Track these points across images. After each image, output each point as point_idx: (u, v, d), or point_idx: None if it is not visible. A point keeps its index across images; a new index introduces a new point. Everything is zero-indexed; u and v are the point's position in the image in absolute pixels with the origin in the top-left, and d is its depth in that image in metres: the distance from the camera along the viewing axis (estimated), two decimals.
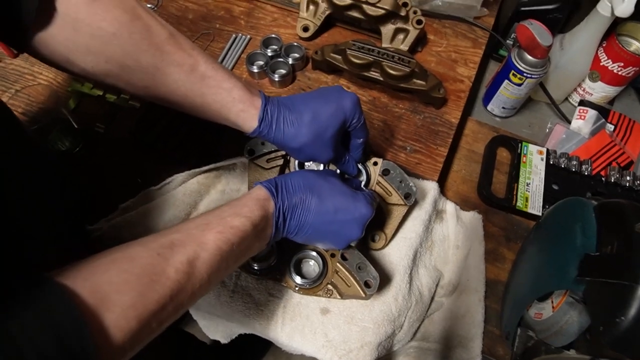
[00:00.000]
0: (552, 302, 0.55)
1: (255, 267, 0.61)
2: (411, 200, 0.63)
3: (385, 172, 0.64)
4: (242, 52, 0.86)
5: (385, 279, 0.64)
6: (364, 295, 0.56)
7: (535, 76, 0.76)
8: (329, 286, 0.60)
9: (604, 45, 0.81)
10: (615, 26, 0.80)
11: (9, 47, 0.43)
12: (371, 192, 0.58)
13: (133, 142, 0.75)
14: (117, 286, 0.34)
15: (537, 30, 0.72)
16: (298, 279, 0.60)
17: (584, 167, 0.77)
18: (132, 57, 0.45)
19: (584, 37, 0.79)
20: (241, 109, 0.52)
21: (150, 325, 0.36)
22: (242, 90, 0.52)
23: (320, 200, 0.51)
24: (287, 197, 0.50)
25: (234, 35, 0.88)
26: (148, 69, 0.47)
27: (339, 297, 0.59)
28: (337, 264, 0.59)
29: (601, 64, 0.82)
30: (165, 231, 0.42)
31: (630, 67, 0.79)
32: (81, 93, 0.80)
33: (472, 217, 0.73)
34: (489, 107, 0.89)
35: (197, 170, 0.69)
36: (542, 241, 0.62)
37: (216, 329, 0.69)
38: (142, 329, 0.35)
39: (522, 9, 0.85)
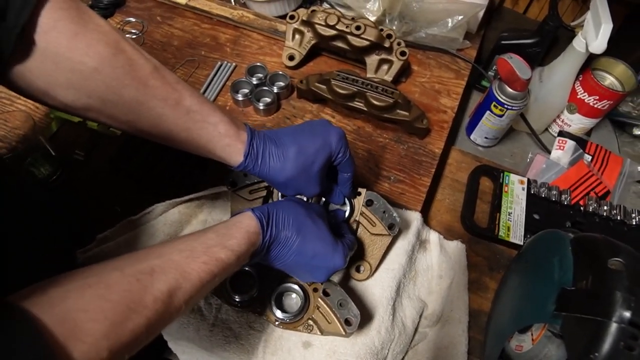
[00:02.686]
0: (532, 334, 0.55)
1: (237, 299, 0.59)
2: (395, 231, 0.63)
3: (369, 203, 0.64)
4: (227, 79, 0.87)
5: (367, 312, 0.63)
6: (344, 333, 0.56)
7: (516, 108, 0.78)
8: (310, 321, 0.59)
9: (580, 79, 0.84)
10: (591, 61, 0.82)
11: None
12: (352, 240, 0.58)
13: (113, 171, 0.74)
14: (90, 314, 0.33)
15: (516, 64, 0.74)
16: (279, 313, 0.59)
17: (563, 196, 0.78)
18: (114, 91, 0.45)
19: (562, 71, 0.82)
20: (227, 144, 0.51)
21: (121, 354, 0.34)
22: (228, 125, 0.51)
23: (304, 242, 0.51)
24: (275, 232, 0.50)
25: (219, 63, 0.88)
26: (131, 104, 0.46)
27: (319, 333, 0.58)
28: (319, 299, 0.58)
29: (578, 96, 0.84)
30: (143, 254, 0.40)
31: (605, 101, 0.81)
32: (62, 119, 0.79)
33: (455, 247, 0.74)
34: (472, 137, 0.90)
35: (178, 199, 0.68)
36: (522, 272, 0.63)
37: None
38: (113, 359, 0.33)
39: (503, 42, 0.88)
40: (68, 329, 0.31)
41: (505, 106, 0.78)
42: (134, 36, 0.93)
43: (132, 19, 0.95)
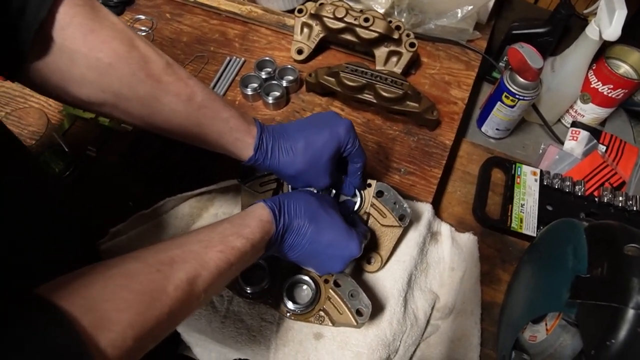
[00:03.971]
0: (546, 324, 0.55)
1: (248, 291, 0.60)
2: (406, 222, 0.62)
3: (379, 194, 0.63)
4: (236, 74, 0.87)
5: (379, 303, 0.63)
6: (355, 324, 0.56)
7: (527, 98, 0.77)
8: (321, 313, 0.59)
9: (593, 67, 0.82)
10: (604, 49, 0.81)
11: (2, 76, 0.43)
12: (365, 230, 0.58)
13: (125, 166, 0.74)
14: (116, 303, 0.33)
15: (527, 53, 0.73)
16: (290, 305, 0.59)
17: (577, 187, 0.77)
18: (128, 87, 0.45)
19: (574, 60, 0.80)
20: (237, 138, 0.52)
21: (146, 343, 0.35)
22: (238, 120, 0.52)
23: (317, 231, 0.51)
24: (287, 220, 0.51)
25: (228, 58, 0.88)
26: (145, 99, 0.47)
27: (330, 324, 0.58)
28: (330, 291, 0.58)
29: (591, 86, 0.83)
30: (162, 245, 0.41)
31: (620, 89, 0.80)
32: (74, 116, 0.80)
33: (467, 239, 0.73)
34: (483, 129, 0.89)
35: (189, 193, 0.68)
36: (535, 263, 0.62)
37: (209, 355, 0.67)
38: (138, 347, 0.34)
39: (514, 32, 0.87)
40: (95, 318, 0.31)
41: (517, 96, 0.77)
42: (143, 33, 0.94)
43: (142, 17, 0.96)
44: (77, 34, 0.42)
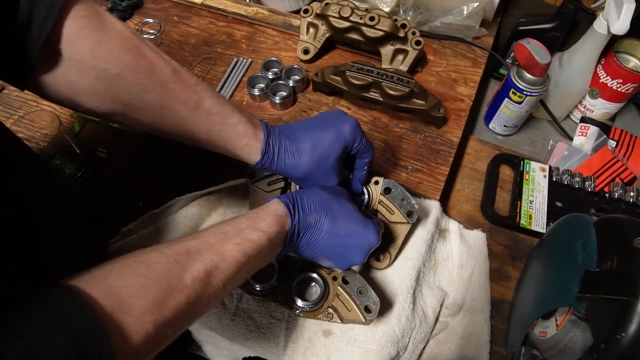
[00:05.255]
0: (556, 320, 0.54)
1: (257, 288, 0.60)
2: (414, 218, 0.62)
3: (386, 191, 0.63)
4: (244, 75, 0.88)
5: (388, 300, 0.63)
6: (364, 321, 0.56)
7: (535, 94, 0.77)
8: (330, 310, 0.59)
9: (602, 62, 0.82)
10: (613, 43, 0.80)
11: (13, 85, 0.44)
12: (379, 220, 0.58)
13: (135, 167, 0.75)
14: (133, 290, 0.34)
15: (535, 48, 0.73)
16: (299, 302, 0.59)
17: (587, 183, 0.76)
18: (137, 96, 0.46)
19: (582, 54, 0.80)
20: (245, 144, 0.52)
21: (166, 331, 0.35)
22: (246, 125, 0.52)
23: (333, 223, 0.52)
24: (302, 215, 0.51)
25: (235, 59, 0.89)
26: (154, 107, 0.47)
27: (339, 321, 0.58)
28: (338, 287, 0.58)
29: (600, 81, 0.82)
30: (179, 239, 0.42)
31: (630, 84, 0.79)
32: (84, 118, 0.81)
33: (476, 236, 0.73)
34: (490, 126, 0.89)
35: (198, 193, 0.69)
36: (544, 258, 0.62)
37: (219, 353, 0.68)
38: (158, 334, 0.34)
39: (520, 28, 0.86)
40: (114, 302, 0.32)
41: (524, 92, 0.77)
42: (152, 36, 0.95)
43: (150, 20, 0.97)
44: (84, 46, 0.42)
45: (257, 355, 0.63)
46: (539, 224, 0.73)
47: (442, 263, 0.71)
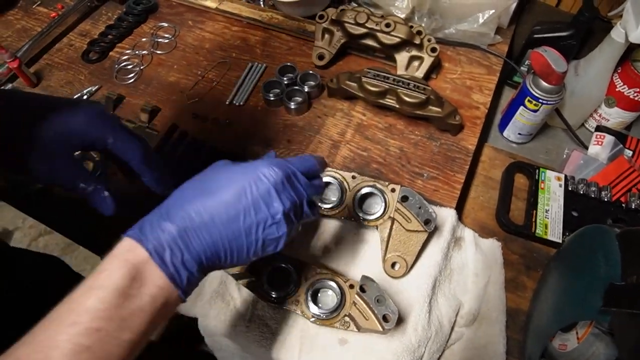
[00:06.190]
0: (577, 333, 0.54)
1: (273, 295, 0.60)
2: (431, 226, 0.62)
3: (404, 199, 0.63)
4: (258, 80, 0.88)
5: (403, 309, 0.62)
6: (381, 330, 0.55)
7: (551, 102, 0.76)
8: (346, 318, 0.59)
9: (619, 71, 0.81)
10: (630, 52, 0.80)
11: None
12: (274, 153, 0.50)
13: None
14: None
15: (551, 57, 0.72)
16: (315, 309, 0.59)
17: (603, 193, 0.76)
18: None
19: (599, 63, 0.79)
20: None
21: None
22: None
23: (212, 197, 0.41)
24: (164, 226, 0.38)
25: (250, 64, 0.89)
26: None
27: (355, 330, 0.58)
28: (356, 296, 0.58)
29: (617, 89, 0.82)
30: (14, 346, 0.32)
31: None
32: None
33: (491, 245, 0.72)
34: (505, 134, 0.89)
35: None
36: (563, 270, 0.61)
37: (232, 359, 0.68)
38: None
39: (535, 36, 0.86)
40: None
41: (540, 101, 0.77)
42: (166, 40, 0.95)
43: (165, 24, 0.98)
44: None
45: None
46: (555, 233, 0.73)
47: (457, 272, 0.70)
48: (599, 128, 0.86)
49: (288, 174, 0.44)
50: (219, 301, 0.63)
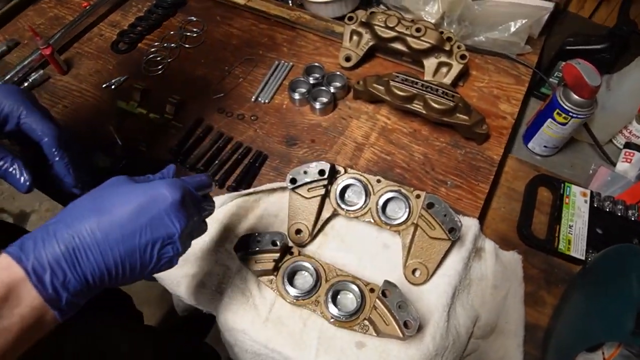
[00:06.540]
0: (604, 353, 0.53)
1: (293, 294, 0.60)
2: (456, 235, 0.61)
3: (429, 206, 0.63)
4: (284, 78, 0.88)
5: (422, 316, 0.62)
6: (401, 336, 0.55)
7: (581, 116, 0.75)
8: (366, 322, 0.58)
9: None
10: None
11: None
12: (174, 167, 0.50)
13: (174, 162, 0.76)
14: None
15: (585, 69, 0.71)
16: (335, 310, 0.58)
17: (630, 212, 0.74)
18: None
19: (633, 78, 0.78)
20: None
21: None
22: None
23: (107, 215, 0.40)
24: (48, 245, 0.37)
25: (276, 62, 0.89)
26: None
27: (374, 334, 0.58)
28: (377, 300, 0.57)
29: None
30: None
31: None
32: (125, 111, 0.82)
33: (511, 257, 0.71)
34: (529, 145, 0.87)
35: (236, 193, 0.69)
36: (590, 288, 0.60)
37: (245, 356, 0.68)
38: None
39: (568, 47, 0.85)
40: None
41: (570, 114, 0.75)
42: (194, 34, 0.96)
43: (193, 18, 0.98)
44: None
45: None
46: (579, 250, 0.71)
47: (477, 283, 0.69)
48: (628, 145, 0.84)
49: (184, 194, 0.43)
50: (239, 296, 0.63)
